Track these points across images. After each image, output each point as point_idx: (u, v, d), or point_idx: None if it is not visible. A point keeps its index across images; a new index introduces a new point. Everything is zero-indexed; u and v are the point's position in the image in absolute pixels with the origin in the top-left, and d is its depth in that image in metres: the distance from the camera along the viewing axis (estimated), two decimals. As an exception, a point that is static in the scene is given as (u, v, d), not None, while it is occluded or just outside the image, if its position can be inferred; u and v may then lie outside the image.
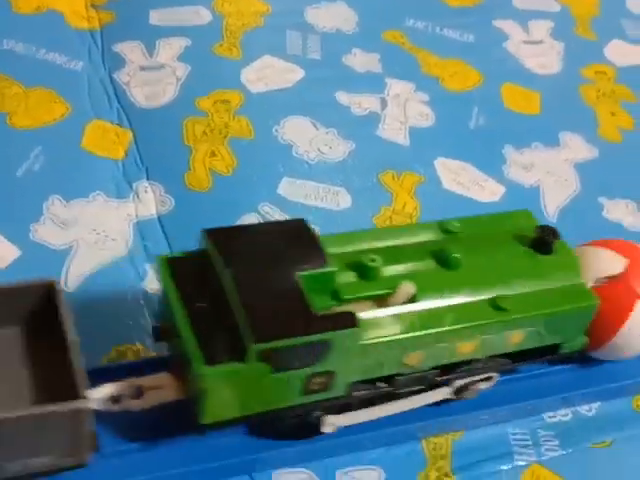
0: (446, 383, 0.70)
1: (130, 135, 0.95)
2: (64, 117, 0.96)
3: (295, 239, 0.64)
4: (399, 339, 0.63)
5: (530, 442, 0.75)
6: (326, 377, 0.62)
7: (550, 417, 0.77)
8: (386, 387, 0.67)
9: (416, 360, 0.66)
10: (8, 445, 0.56)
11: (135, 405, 0.61)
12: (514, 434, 0.75)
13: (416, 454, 0.72)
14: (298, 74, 1.07)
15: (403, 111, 1.05)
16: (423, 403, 0.69)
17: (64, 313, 0.60)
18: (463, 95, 1.10)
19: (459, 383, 0.70)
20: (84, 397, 0.56)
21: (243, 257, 0.61)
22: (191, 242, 0.65)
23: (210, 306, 0.61)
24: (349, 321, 0.60)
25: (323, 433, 0.67)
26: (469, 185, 0.98)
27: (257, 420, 0.65)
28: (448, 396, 0.71)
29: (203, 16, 1.13)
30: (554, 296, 0.69)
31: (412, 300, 0.65)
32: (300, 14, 1.16)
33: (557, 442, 0.75)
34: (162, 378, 0.63)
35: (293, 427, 0.66)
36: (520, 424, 0.76)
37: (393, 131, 1.03)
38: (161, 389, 0.62)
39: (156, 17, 1.11)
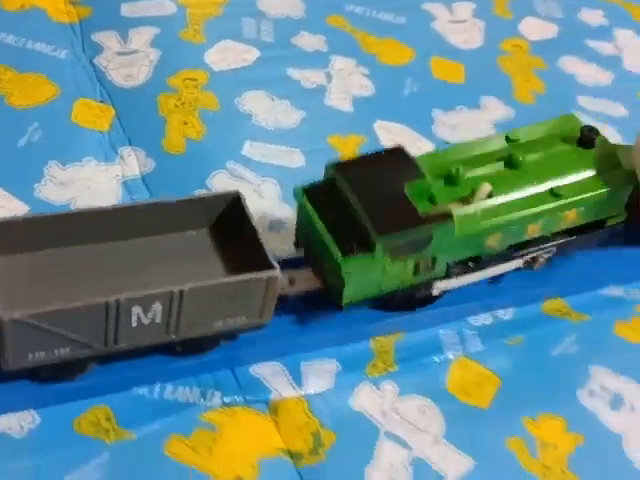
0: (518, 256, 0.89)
1: (112, 110, 1.10)
2: (55, 97, 1.11)
3: (398, 161, 0.83)
4: (482, 227, 0.83)
5: (458, 340, 0.92)
6: (430, 261, 0.82)
7: (474, 320, 0.94)
8: (474, 265, 0.87)
9: (495, 242, 0.85)
10: (219, 306, 0.75)
11: (291, 290, 0.83)
12: (445, 335, 0.92)
13: (365, 350, 0.89)
14: (254, 54, 1.23)
15: (346, 83, 1.22)
16: (503, 271, 0.90)
17: (248, 212, 0.80)
18: (398, 68, 1.27)
19: (529, 256, 0.90)
20: (275, 267, 0.76)
21: (361, 179, 0.81)
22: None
23: (340, 217, 0.80)
24: (445, 217, 0.80)
25: (430, 303, 0.88)
26: (405, 143, 1.14)
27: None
28: (520, 265, 0.90)
29: (168, 8, 1.28)
30: (598, 181, 0.88)
31: (489, 196, 0.84)
32: (253, 3, 1.31)
33: (480, 340, 0.92)
34: (307, 272, 0.84)
35: (405, 300, 0.87)
36: (450, 327, 0.93)
37: (338, 100, 1.19)
38: (306, 280, 0.84)
39: (127, 9, 1.26)
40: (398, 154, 0.85)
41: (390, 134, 1.15)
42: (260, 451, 0.79)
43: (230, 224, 0.82)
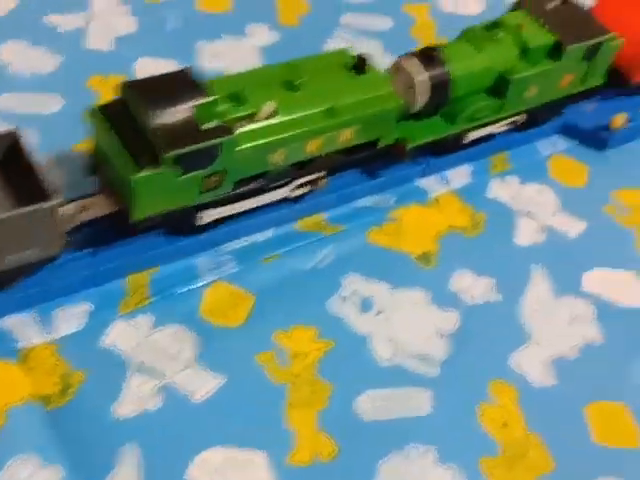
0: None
1: None
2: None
3: (186, 82, 0.86)
4: (265, 142, 0.88)
5: (214, 266, 0.95)
6: (219, 176, 0.86)
7: (230, 246, 0.97)
8: (261, 181, 0.92)
9: (279, 158, 0.90)
10: (9, 241, 0.78)
11: (84, 217, 0.86)
12: (201, 262, 0.95)
13: (119, 289, 0.91)
14: (10, 4, 1.21)
15: (107, 23, 1.21)
16: (274, 199, 0.96)
17: (25, 148, 0.81)
18: (161, 4, 1.27)
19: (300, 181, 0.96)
20: (54, 197, 0.77)
21: (150, 97, 0.83)
22: None
23: (131, 135, 0.83)
24: (228, 131, 0.84)
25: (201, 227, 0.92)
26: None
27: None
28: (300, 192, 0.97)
29: None
30: (370, 102, 0.94)
31: (273, 115, 0.88)
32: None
33: (235, 262, 0.96)
34: (99, 197, 0.88)
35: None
36: (205, 255, 0.96)
37: (98, 42, 1.19)
38: (100, 206, 0.87)
39: None
40: (187, 76, 0.88)
41: (152, 70, 1.15)
42: (8, 400, 0.80)
43: (11, 163, 0.83)
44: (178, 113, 0.83)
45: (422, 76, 0.98)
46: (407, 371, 0.89)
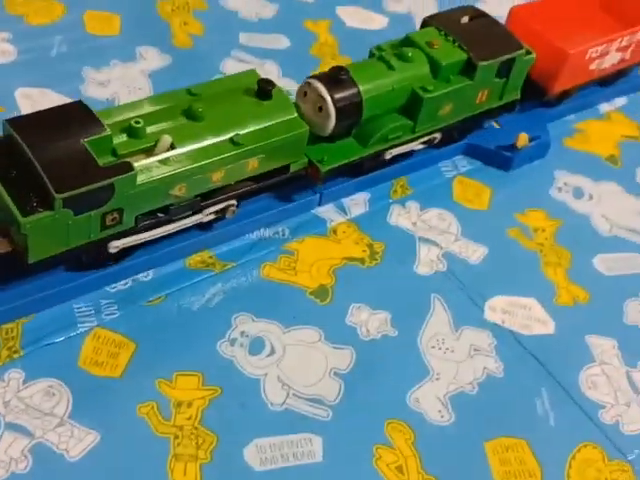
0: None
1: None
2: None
3: (77, 116, 0.82)
4: (165, 176, 0.84)
5: (93, 311, 0.89)
6: (117, 213, 0.82)
7: (112, 288, 0.92)
8: (164, 216, 0.88)
9: (181, 191, 0.86)
10: None
11: None
12: (78, 308, 0.89)
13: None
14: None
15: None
16: (183, 226, 0.92)
17: None
18: (46, 28, 1.21)
19: (212, 209, 0.93)
20: None
21: (39, 135, 0.79)
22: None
23: (19, 176, 0.78)
24: (126, 167, 0.80)
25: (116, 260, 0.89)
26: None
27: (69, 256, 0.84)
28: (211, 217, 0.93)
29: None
30: (276, 129, 0.91)
31: (171, 148, 0.84)
32: None
33: (116, 307, 0.90)
34: None
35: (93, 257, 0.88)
36: (84, 299, 0.90)
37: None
38: None
39: None
40: (78, 109, 0.84)
41: (31, 100, 1.10)
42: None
43: None
44: (70, 150, 0.79)
45: (332, 98, 0.95)
46: (299, 415, 0.85)
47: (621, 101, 1.32)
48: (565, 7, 1.23)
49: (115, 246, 0.87)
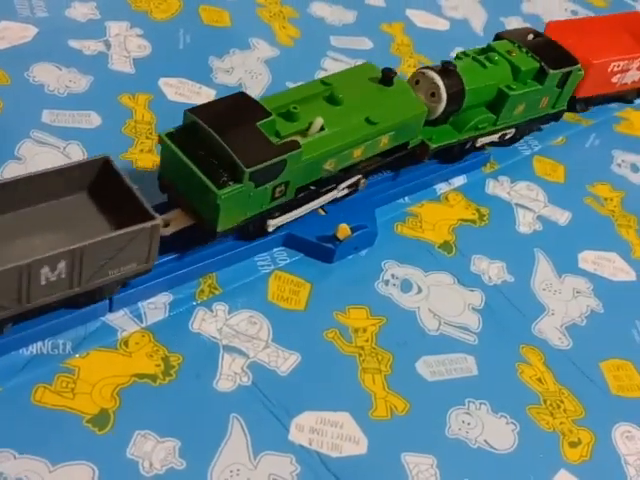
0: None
1: None
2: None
3: (244, 104, 0.98)
4: (322, 152, 0.99)
5: (269, 259, 1.06)
6: (284, 185, 0.96)
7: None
8: (315, 188, 1.03)
9: (331, 166, 1.02)
10: (113, 257, 0.85)
11: (166, 231, 0.92)
12: (257, 260, 1.05)
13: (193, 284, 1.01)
14: (32, 31, 1.28)
15: (124, 47, 1.30)
16: (331, 198, 1.06)
17: (120, 172, 0.89)
18: (170, 22, 1.37)
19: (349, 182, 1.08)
20: (156, 217, 0.86)
21: (221, 120, 0.93)
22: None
23: (206, 156, 0.92)
24: (295, 145, 0.95)
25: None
26: (188, 94, 1.25)
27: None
28: (345, 192, 1.08)
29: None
30: (402, 109, 1.08)
31: (322, 129, 1.00)
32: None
33: (286, 254, 1.07)
34: (177, 212, 0.96)
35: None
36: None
37: (120, 64, 1.27)
38: (179, 220, 0.95)
39: None
40: (243, 98, 1.00)
41: (173, 88, 1.25)
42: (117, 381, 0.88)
43: (103, 186, 0.91)
44: (248, 132, 0.94)
45: (445, 84, 1.12)
46: (452, 339, 1.02)
47: (460, 180, 1.25)
48: (594, 27, 1.44)
49: (285, 218, 1.02)
